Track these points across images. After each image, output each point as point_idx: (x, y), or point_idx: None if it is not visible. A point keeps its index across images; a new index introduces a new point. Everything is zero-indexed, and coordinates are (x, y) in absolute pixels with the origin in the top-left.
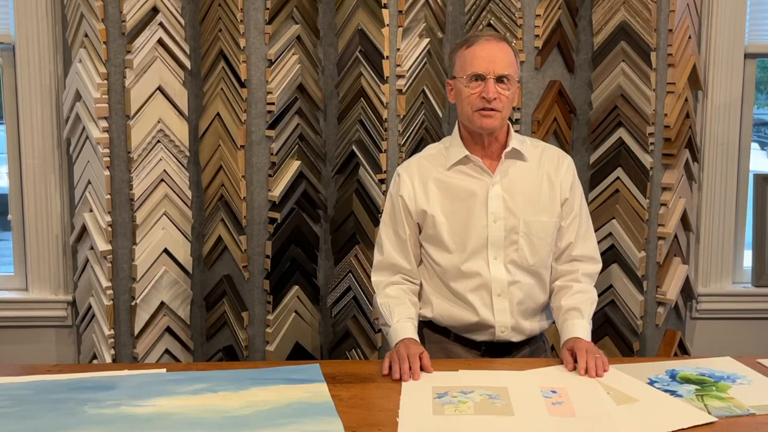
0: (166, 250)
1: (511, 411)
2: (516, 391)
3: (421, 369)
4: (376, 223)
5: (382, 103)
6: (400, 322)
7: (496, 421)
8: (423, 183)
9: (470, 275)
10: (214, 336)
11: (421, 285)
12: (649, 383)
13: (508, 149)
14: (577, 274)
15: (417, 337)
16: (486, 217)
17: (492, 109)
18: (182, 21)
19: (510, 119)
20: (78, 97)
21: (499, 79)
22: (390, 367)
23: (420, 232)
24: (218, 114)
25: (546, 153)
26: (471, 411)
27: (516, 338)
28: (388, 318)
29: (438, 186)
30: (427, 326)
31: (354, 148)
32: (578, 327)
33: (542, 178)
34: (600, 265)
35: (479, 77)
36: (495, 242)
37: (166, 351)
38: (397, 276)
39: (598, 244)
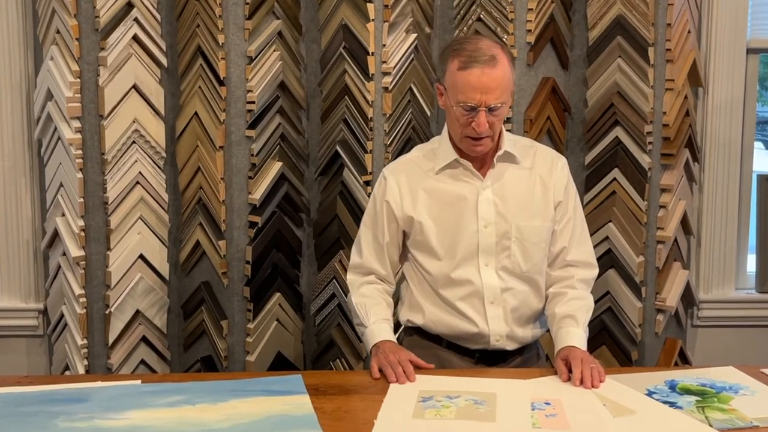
0: (141, 256)
1: (493, 417)
2: (504, 398)
3: None
4: None
5: (367, 101)
6: (377, 323)
7: (475, 427)
8: (410, 187)
9: (461, 283)
10: (192, 346)
11: (411, 290)
12: (647, 394)
13: (500, 152)
14: (572, 280)
15: (395, 339)
16: (476, 223)
17: (482, 138)
18: (158, 16)
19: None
20: (49, 96)
21: (491, 108)
22: (381, 373)
23: (407, 238)
24: (196, 113)
25: (539, 154)
26: (452, 416)
27: (510, 346)
28: (363, 318)
29: (426, 190)
30: (417, 333)
31: (338, 148)
32: (573, 335)
33: (535, 180)
34: (596, 271)
35: (470, 108)
36: (486, 248)
37: (142, 361)
38: (371, 276)
39: (594, 248)
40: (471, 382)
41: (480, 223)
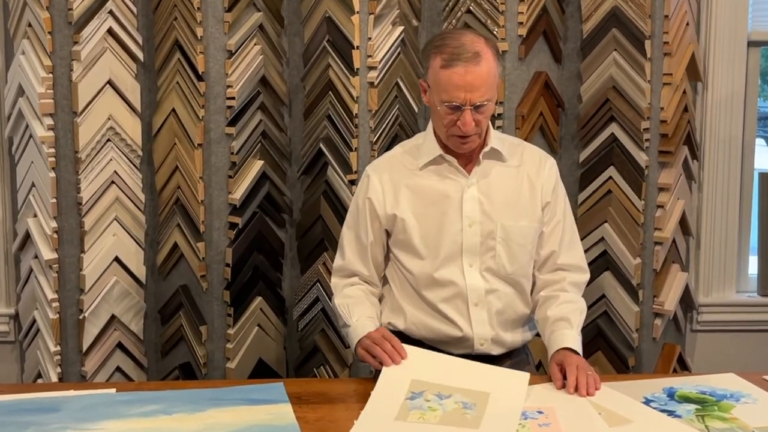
0: (117, 259)
1: (477, 425)
2: (497, 401)
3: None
4: None
5: (352, 97)
6: (360, 320)
7: None
8: (393, 185)
9: (444, 284)
10: (170, 352)
11: (393, 293)
12: (644, 402)
13: (486, 149)
14: (564, 283)
15: None
16: (460, 221)
17: (469, 135)
18: (134, 9)
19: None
20: (21, 92)
21: (477, 106)
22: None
23: (389, 237)
24: (174, 110)
25: (527, 153)
26: (435, 421)
27: (496, 351)
28: (346, 317)
29: (409, 187)
30: (399, 338)
31: (322, 146)
32: (567, 337)
33: (522, 179)
34: (588, 275)
35: (455, 107)
36: (470, 248)
37: (118, 369)
38: (355, 278)
39: (589, 249)
40: (467, 376)
41: (464, 222)
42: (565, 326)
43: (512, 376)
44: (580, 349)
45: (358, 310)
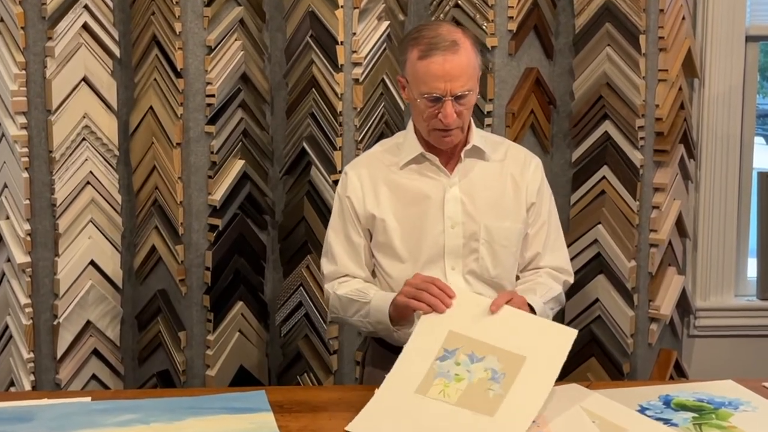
0: (92, 262)
1: (494, 410)
2: (529, 372)
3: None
4: None
5: (336, 94)
6: (378, 292)
7: (469, 419)
8: (373, 183)
9: None
10: (148, 359)
11: None
12: (639, 411)
13: (468, 147)
14: (541, 271)
15: None
16: (442, 223)
17: (451, 129)
18: (110, 3)
19: (480, 109)
20: None
21: (458, 96)
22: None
23: (371, 238)
24: (151, 108)
25: (511, 152)
26: (453, 400)
27: None
28: (362, 297)
29: (390, 187)
30: (381, 344)
31: (305, 145)
32: (528, 299)
33: (506, 179)
34: (572, 279)
35: (435, 99)
36: (452, 250)
37: (93, 376)
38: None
39: (582, 252)
40: (509, 330)
41: (446, 223)
42: (530, 293)
43: (557, 335)
44: (537, 311)
45: (372, 289)
